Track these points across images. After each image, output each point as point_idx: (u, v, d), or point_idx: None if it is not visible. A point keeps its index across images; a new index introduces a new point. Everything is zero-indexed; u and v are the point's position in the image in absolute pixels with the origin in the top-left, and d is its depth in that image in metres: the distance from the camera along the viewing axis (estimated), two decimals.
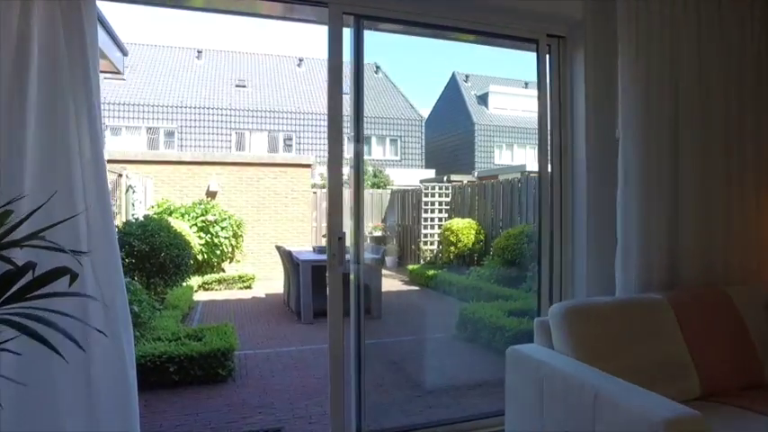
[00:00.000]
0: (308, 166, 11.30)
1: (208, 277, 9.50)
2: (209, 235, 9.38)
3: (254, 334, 6.15)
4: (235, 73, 29.04)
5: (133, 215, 7.29)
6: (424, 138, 29.13)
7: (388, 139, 28.30)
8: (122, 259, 5.95)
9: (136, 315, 4.51)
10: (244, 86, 28.10)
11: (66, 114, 2.00)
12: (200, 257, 9.31)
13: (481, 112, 31.58)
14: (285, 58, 31.59)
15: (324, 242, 9.74)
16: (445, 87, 35.20)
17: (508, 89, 32.79)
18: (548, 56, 3.07)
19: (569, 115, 3.06)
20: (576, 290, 3.04)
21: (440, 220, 10.93)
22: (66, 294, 1.41)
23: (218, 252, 9.55)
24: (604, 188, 2.88)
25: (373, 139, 27.79)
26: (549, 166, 3.10)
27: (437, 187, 10.95)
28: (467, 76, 34.50)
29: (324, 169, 15.79)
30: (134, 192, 7.48)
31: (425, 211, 10.86)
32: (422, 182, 11.11)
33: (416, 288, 9.89)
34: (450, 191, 10.96)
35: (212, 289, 9.52)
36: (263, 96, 27.79)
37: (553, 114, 3.08)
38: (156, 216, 6.72)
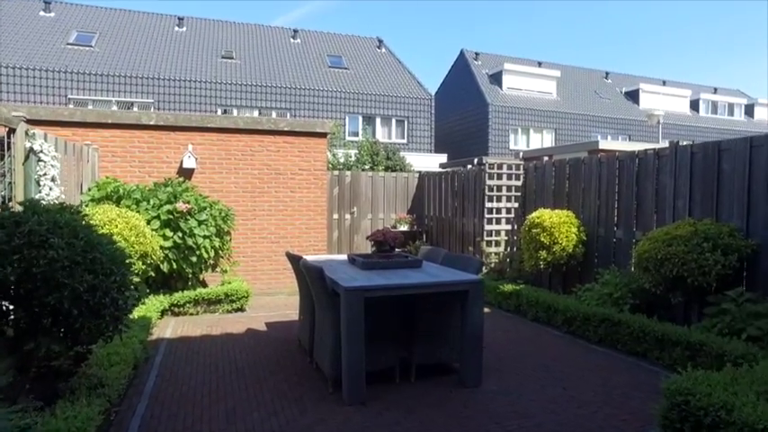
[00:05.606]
0: (324, 135, 8.07)
1: (179, 296, 6.31)
2: (178, 233, 6.14)
3: None
4: (220, 43, 25.65)
5: (37, 200, 4.05)
6: (433, 118, 25.88)
7: (394, 120, 25.05)
8: None
9: None
10: (231, 58, 24.71)
11: None
12: (165, 267, 6.09)
13: (494, 92, 28.48)
14: (278, 29, 28.18)
15: (369, 248, 6.41)
16: (453, 65, 32.09)
17: (523, 68, 29.84)
18: None
19: None
20: None
21: (508, 211, 7.82)
22: None
23: (194, 258, 6.31)
24: None
25: (377, 120, 24.58)
26: None
27: (504, 166, 7.80)
28: (477, 54, 31.40)
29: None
30: (39, 161, 4.24)
31: (490, 199, 7.71)
32: (484, 161, 7.97)
33: (485, 309, 6.77)
34: (521, 171, 7.83)
35: (186, 313, 6.34)
36: (253, 69, 24.43)
37: None
38: (51, 206, 3.28)
